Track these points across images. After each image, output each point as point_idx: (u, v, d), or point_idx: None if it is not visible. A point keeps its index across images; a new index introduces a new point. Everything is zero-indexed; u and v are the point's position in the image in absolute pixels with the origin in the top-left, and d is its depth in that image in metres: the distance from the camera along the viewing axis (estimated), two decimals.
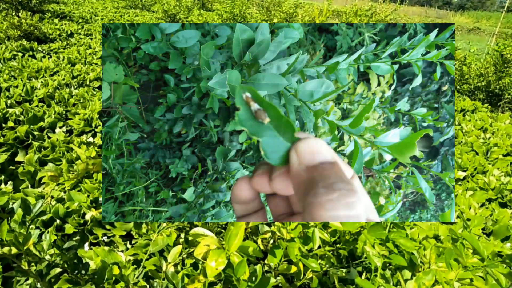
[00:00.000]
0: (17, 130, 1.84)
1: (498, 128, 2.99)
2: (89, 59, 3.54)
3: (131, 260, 0.89)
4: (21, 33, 4.22)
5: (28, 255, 0.81)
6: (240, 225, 0.72)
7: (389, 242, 0.87)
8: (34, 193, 1.27)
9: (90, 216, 1.13)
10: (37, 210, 0.97)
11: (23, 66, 3.06)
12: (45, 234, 0.99)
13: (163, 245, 0.86)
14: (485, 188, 1.86)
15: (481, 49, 6.95)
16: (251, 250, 0.78)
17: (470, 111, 3.71)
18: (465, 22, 19.82)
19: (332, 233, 0.96)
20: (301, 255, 0.86)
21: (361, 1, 10.92)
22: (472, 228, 1.19)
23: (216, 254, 0.71)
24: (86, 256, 0.91)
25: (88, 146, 1.75)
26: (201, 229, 0.81)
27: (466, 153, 2.37)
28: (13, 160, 1.75)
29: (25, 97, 2.41)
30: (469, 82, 4.52)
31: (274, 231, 0.93)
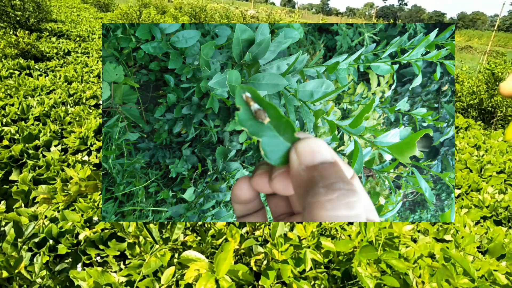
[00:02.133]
0: (12, 149, 1.83)
1: (491, 146, 3.01)
2: (86, 77, 3.53)
3: (124, 282, 0.88)
4: (18, 52, 4.21)
5: (19, 279, 0.80)
6: (229, 249, 0.72)
7: (381, 263, 0.87)
8: (28, 213, 1.26)
9: (83, 236, 1.12)
10: (29, 233, 0.96)
11: (20, 84, 3.05)
12: (36, 257, 0.98)
13: (156, 267, 0.85)
14: (479, 206, 1.86)
15: (473, 67, 6.98)
16: (241, 274, 0.78)
17: (463, 128, 3.73)
18: (457, 40, 20.09)
19: (325, 254, 0.96)
20: (294, 277, 0.85)
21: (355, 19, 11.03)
22: (465, 247, 1.18)
23: (205, 279, 0.71)
24: (78, 277, 0.90)
25: (83, 165, 1.75)
26: (193, 253, 0.81)
27: (460, 170, 2.38)
28: (7, 179, 1.74)
29: (21, 116, 2.39)
30: (462, 99, 4.57)
31: (267, 252, 0.92)
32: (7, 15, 5.51)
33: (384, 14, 47.19)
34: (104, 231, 1.14)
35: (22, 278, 0.81)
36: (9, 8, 5.48)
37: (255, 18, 9.76)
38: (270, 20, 9.08)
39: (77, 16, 9.20)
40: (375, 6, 48.92)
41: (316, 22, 6.75)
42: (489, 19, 42.76)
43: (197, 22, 9.87)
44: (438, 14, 53.95)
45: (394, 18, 16.54)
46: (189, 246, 0.95)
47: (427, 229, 1.42)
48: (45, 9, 6.31)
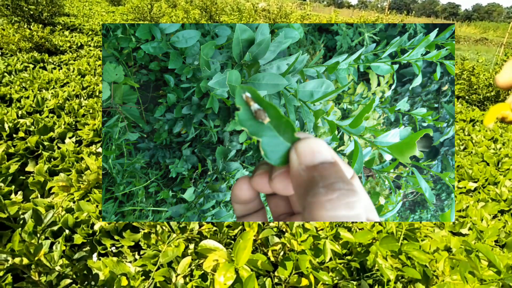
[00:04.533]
0: (27, 141, 1.86)
1: (509, 139, 2.97)
2: (99, 70, 3.56)
3: (140, 272, 0.88)
4: (33, 45, 4.26)
5: (38, 266, 0.80)
6: (248, 238, 0.71)
7: (401, 254, 0.85)
8: (44, 203, 1.28)
9: (99, 226, 1.13)
10: (48, 221, 0.96)
11: (34, 77, 3.09)
12: (55, 244, 0.99)
13: (173, 257, 0.84)
14: (497, 200, 1.84)
15: (489, 59, 6.94)
16: (260, 263, 0.77)
17: (479, 121, 3.70)
18: (472, 32, 19.92)
19: (343, 245, 0.94)
20: (312, 267, 0.84)
21: (367, 12, 11.02)
22: (486, 240, 1.17)
23: (224, 269, 0.70)
24: (94, 266, 0.90)
25: (98, 157, 1.77)
26: (211, 242, 0.80)
27: (476, 163, 2.35)
28: (23, 170, 1.77)
29: (36, 108, 2.44)
30: (478, 92, 4.53)
31: (285, 242, 0.91)
32: (21, 9, 5.56)
33: (397, 7, 46.56)
34: (119, 221, 1.15)
35: (41, 266, 0.82)
36: (22, 2, 5.51)
37: (266, 11, 9.72)
38: (281, 13, 9.01)
39: (89, 10, 9.24)
40: None
41: (327, 14, 6.73)
42: (506, 11, 42.05)
43: (207, 15, 9.85)
44: (453, 6, 52.84)
45: (407, 10, 16.43)
46: (205, 236, 0.95)
47: (443, 222, 1.40)
48: (58, 3, 6.35)
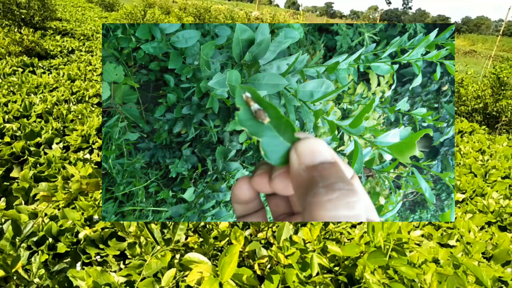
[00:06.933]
0: (13, 146, 1.82)
1: (496, 150, 3.00)
2: (89, 75, 3.53)
3: (123, 283, 0.86)
4: (22, 49, 4.22)
5: (16, 278, 0.78)
6: (234, 252, 0.70)
7: (389, 269, 0.84)
8: (28, 210, 1.24)
9: (83, 234, 1.11)
10: (27, 231, 0.93)
11: (23, 81, 3.04)
12: (35, 256, 0.96)
13: (157, 269, 0.83)
14: (484, 211, 1.84)
15: (478, 71, 6.99)
16: (245, 277, 0.76)
17: (467, 132, 3.73)
18: (461, 44, 20.17)
19: (330, 258, 0.93)
20: (299, 281, 0.83)
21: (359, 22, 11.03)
22: (474, 254, 1.17)
23: (209, 283, 0.69)
24: (78, 276, 0.88)
25: (85, 163, 1.75)
26: (196, 255, 0.79)
27: (464, 175, 2.37)
28: (8, 175, 1.73)
29: (23, 113, 2.39)
30: (467, 104, 4.58)
31: (272, 255, 0.90)
32: (12, 13, 5.54)
33: (388, 18, 47.09)
34: (104, 230, 1.13)
35: (19, 278, 0.80)
36: (14, 6, 5.50)
37: (259, 20, 9.78)
38: (274, 22, 9.12)
39: (81, 15, 9.23)
40: (379, 9, 48.85)
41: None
42: (493, 24, 42.86)
43: (201, 23, 9.85)
44: (442, 18, 53.75)
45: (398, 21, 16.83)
46: (191, 247, 0.94)
47: (431, 233, 1.41)
48: (50, 8, 6.34)
